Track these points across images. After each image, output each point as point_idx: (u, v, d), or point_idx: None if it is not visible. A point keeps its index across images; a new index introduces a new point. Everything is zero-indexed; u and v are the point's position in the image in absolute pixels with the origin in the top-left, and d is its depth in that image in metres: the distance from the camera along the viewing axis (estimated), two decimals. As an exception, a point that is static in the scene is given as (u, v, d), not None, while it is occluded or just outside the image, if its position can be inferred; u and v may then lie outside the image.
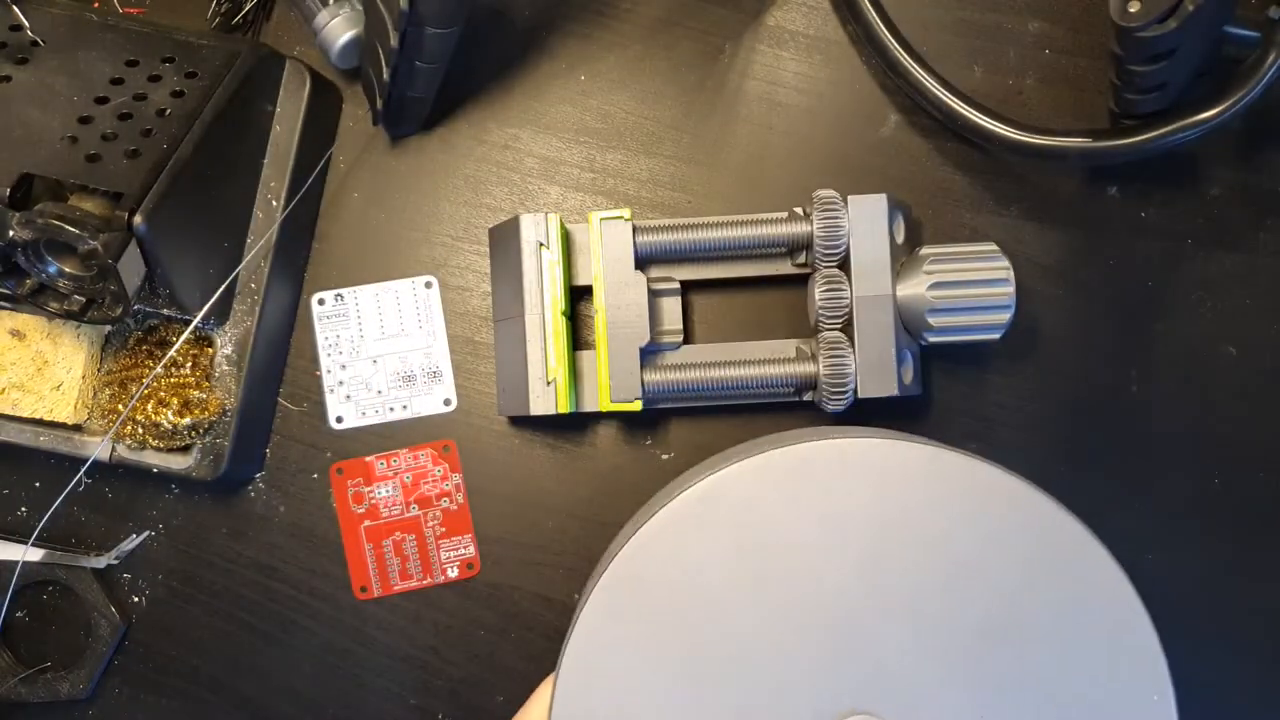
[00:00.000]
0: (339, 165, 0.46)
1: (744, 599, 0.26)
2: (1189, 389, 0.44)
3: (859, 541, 0.27)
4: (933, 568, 0.26)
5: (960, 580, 0.26)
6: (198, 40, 0.41)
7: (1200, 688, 0.43)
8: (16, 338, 0.42)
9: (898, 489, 0.27)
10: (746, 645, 0.25)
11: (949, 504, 0.27)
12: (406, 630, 0.45)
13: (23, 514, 0.45)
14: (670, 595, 0.26)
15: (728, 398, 0.42)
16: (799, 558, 0.26)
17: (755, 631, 0.25)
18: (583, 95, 0.45)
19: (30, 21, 0.39)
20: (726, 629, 0.26)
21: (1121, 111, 0.41)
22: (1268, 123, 0.44)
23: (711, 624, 0.26)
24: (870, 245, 0.40)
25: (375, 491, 0.45)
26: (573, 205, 0.45)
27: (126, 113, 0.38)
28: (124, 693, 0.45)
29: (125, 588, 0.45)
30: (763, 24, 0.45)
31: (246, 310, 0.42)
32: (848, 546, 0.26)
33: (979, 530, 0.27)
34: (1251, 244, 0.44)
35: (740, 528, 0.26)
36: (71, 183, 0.36)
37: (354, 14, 0.43)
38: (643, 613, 0.26)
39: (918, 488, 0.27)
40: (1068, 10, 0.44)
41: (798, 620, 0.26)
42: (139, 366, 0.42)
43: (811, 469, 0.26)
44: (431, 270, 0.45)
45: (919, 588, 0.26)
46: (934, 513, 0.27)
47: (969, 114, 0.41)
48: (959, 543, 0.27)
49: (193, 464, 0.42)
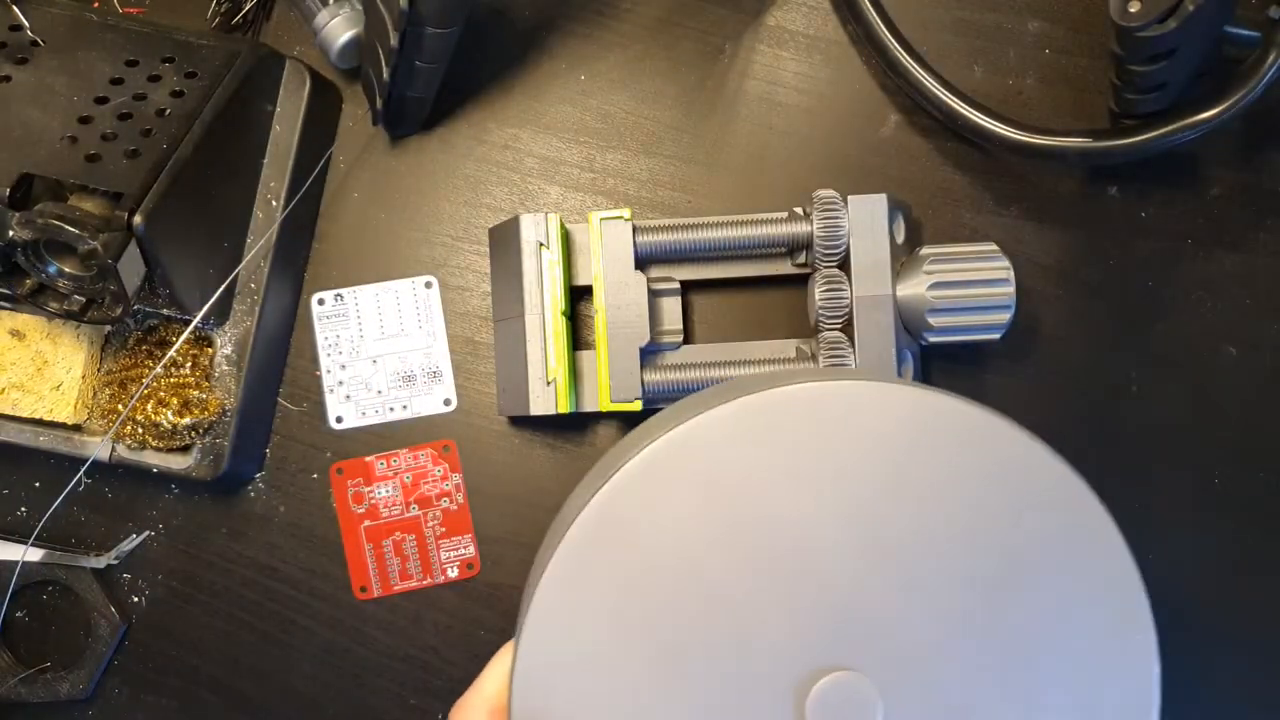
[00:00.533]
0: (339, 165, 0.46)
1: (718, 554, 0.24)
2: (1189, 389, 0.44)
3: (840, 490, 0.25)
4: (917, 516, 0.25)
5: (945, 529, 0.25)
6: (197, 40, 0.41)
7: (1201, 687, 0.43)
8: (16, 338, 0.42)
9: (880, 433, 0.25)
10: (722, 603, 0.24)
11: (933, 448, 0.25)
12: (406, 630, 0.44)
13: (22, 514, 0.45)
14: (639, 551, 0.24)
15: (728, 398, 0.42)
16: (776, 509, 0.24)
17: (731, 588, 0.24)
18: (583, 95, 0.45)
19: (30, 21, 0.39)
20: (700, 586, 0.24)
21: (1121, 111, 0.41)
22: (1268, 123, 0.44)
23: (684, 581, 0.24)
24: (870, 245, 0.40)
25: (375, 491, 0.45)
26: (573, 205, 0.45)
27: (126, 113, 0.38)
28: (124, 693, 0.45)
29: (125, 588, 0.45)
30: (763, 24, 0.45)
31: (246, 310, 0.42)
32: (828, 495, 0.25)
33: (963, 474, 0.25)
34: (1251, 244, 0.44)
35: (713, 479, 0.25)
36: (71, 183, 0.36)
37: (354, 14, 0.43)
38: (610, 570, 0.24)
39: (901, 432, 0.25)
40: (1068, 10, 0.44)
41: (776, 574, 0.24)
42: (139, 366, 0.42)
43: (788, 415, 0.25)
44: (431, 270, 0.45)
45: (903, 538, 0.25)
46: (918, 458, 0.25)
47: (969, 114, 0.41)
48: (943, 488, 0.25)
49: (192, 464, 0.42)
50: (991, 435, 0.26)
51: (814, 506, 0.25)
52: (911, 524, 0.25)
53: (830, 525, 0.25)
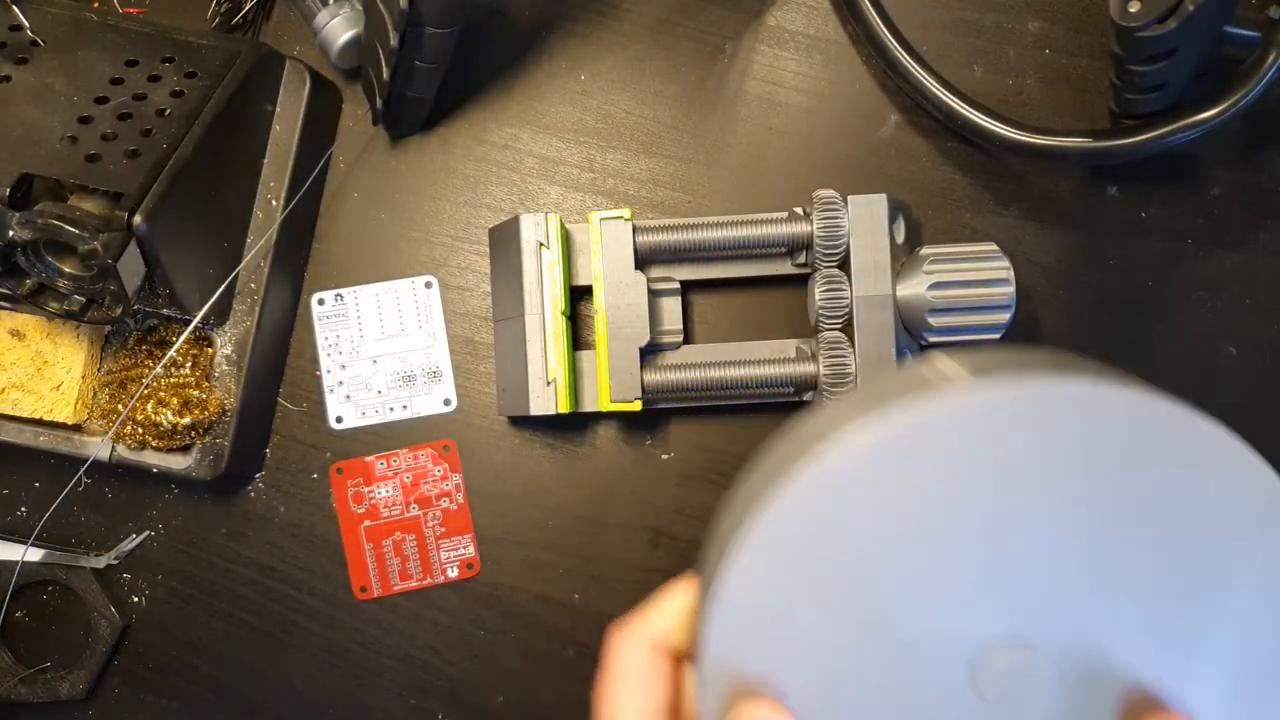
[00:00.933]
0: (339, 165, 0.46)
1: (923, 537, 0.25)
2: (1189, 389, 0.44)
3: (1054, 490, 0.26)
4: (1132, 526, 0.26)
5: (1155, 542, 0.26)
6: (198, 40, 0.41)
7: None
8: (16, 338, 0.42)
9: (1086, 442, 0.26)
10: (915, 582, 0.25)
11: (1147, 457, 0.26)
12: (406, 630, 0.44)
13: (22, 514, 0.45)
14: (848, 523, 0.25)
15: (728, 398, 0.42)
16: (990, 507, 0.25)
17: (927, 569, 0.25)
18: (583, 95, 0.45)
19: (30, 21, 0.39)
20: (899, 567, 0.25)
21: (1122, 111, 0.41)
22: (1268, 123, 0.44)
23: (885, 558, 0.25)
24: (870, 245, 0.40)
25: (375, 491, 0.45)
26: (573, 205, 0.45)
27: (126, 113, 0.38)
28: (124, 693, 0.45)
29: (125, 588, 0.45)
30: (763, 24, 0.45)
31: (246, 310, 0.42)
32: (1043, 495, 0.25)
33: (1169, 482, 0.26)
34: (1251, 244, 0.44)
35: (941, 472, 0.25)
36: (71, 183, 0.36)
37: (354, 14, 0.43)
38: (817, 538, 0.25)
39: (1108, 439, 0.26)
40: (1068, 10, 0.44)
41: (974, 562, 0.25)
42: (139, 366, 0.42)
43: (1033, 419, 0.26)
44: (431, 270, 0.45)
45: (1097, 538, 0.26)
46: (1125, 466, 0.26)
47: (969, 114, 0.41)
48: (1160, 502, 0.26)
49: (192, 464, 0.42)
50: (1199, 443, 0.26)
51: (1027, 505, 0.25)
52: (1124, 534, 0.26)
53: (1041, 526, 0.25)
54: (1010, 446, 0.25)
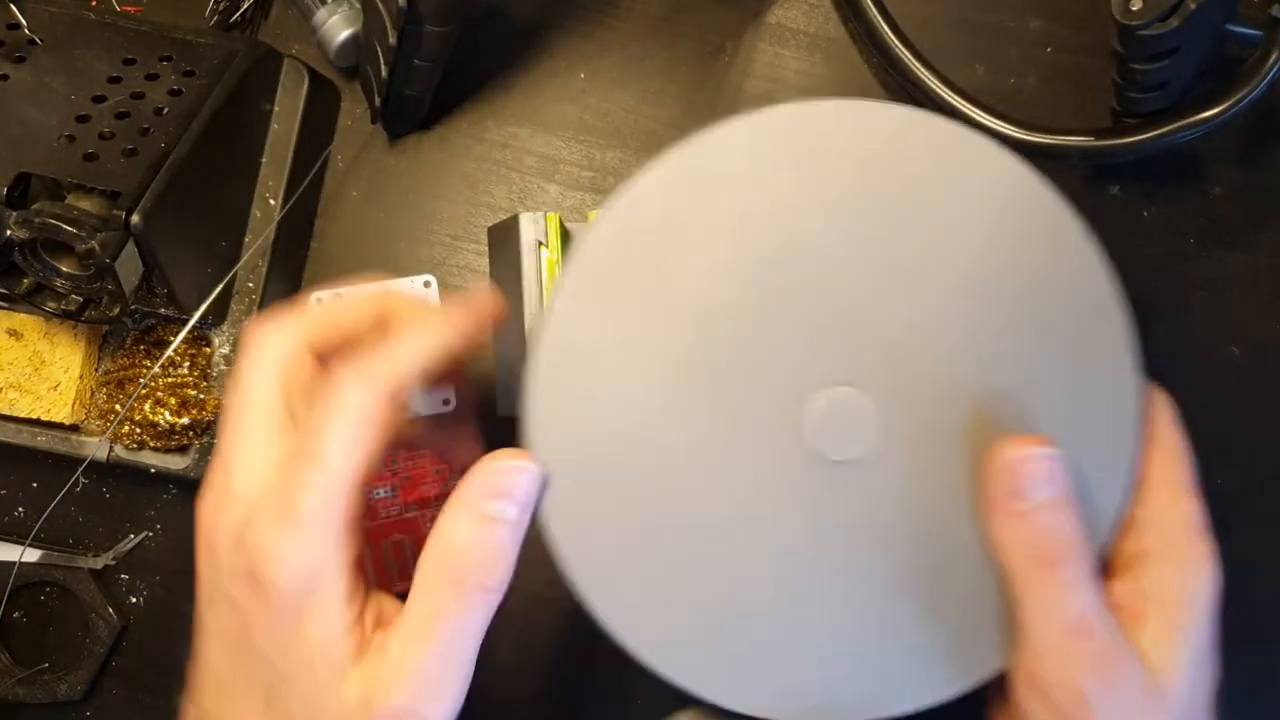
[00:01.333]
0: (337, 164, 0.45)
1: (728, 267, 0.25)
2: (1191, 389, 0.43)
3: (842, 209, 0.26)
4: (917, 236, 0.26)
5: (945, 250, 0.26)
6: (196, 38, 0.41)
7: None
8: (14, 338, 0.42)
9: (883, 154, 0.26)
10: (727, 321, 0.25)
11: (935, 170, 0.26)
12: (405, 631, 0.44)
13: (20, 514, 0.45)
14: (653, 263, 0.26)
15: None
16: (779, 228, 0.25)
17: (736, 306, 0.25)
18: (582, 94, 0.45)
19: (28, 20, 0.39)
20: (706, 304, 0.25)
21: (1123, 110, 0.41)
22: (1270, 121, 0.43)
23: (690, 300, 0.25)
24: (871, 244, 0.40)
25: (373, 493, 0.44)
26: (572, 204, 0.45)
27: (124, 111, 0.37)
28: (122, 694, 0.45)
29: (123, 588, 0.45)
30: (763, 22, 0.45)
31: (244, 310, 0.42)
32: (829, 214, 0.26)
33: (964, 197, 0.26)
34: (1254, 243, 0.43)
35: (726, 193, 0.26)
36: (69, 181, 0.36)
37: (352, 12, 0.43)
38: (622, 280, 0.26)
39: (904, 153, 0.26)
40: (1069, 8, 0.44)
41: (779, 294, 0.25)
42: (136, 366, 0.42)
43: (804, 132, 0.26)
44: (430, 269, 0.45)
45: (902, 257, 0.26)
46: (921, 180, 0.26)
47: (971, 112, 0.41)
48: (945, 209, 0.26)
49: (190, 464, 0.42)
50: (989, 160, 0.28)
51: (825, 224, 0.26)
52: (912, 245, 0.26)
53: (840, 243, 0.26)
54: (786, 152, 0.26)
